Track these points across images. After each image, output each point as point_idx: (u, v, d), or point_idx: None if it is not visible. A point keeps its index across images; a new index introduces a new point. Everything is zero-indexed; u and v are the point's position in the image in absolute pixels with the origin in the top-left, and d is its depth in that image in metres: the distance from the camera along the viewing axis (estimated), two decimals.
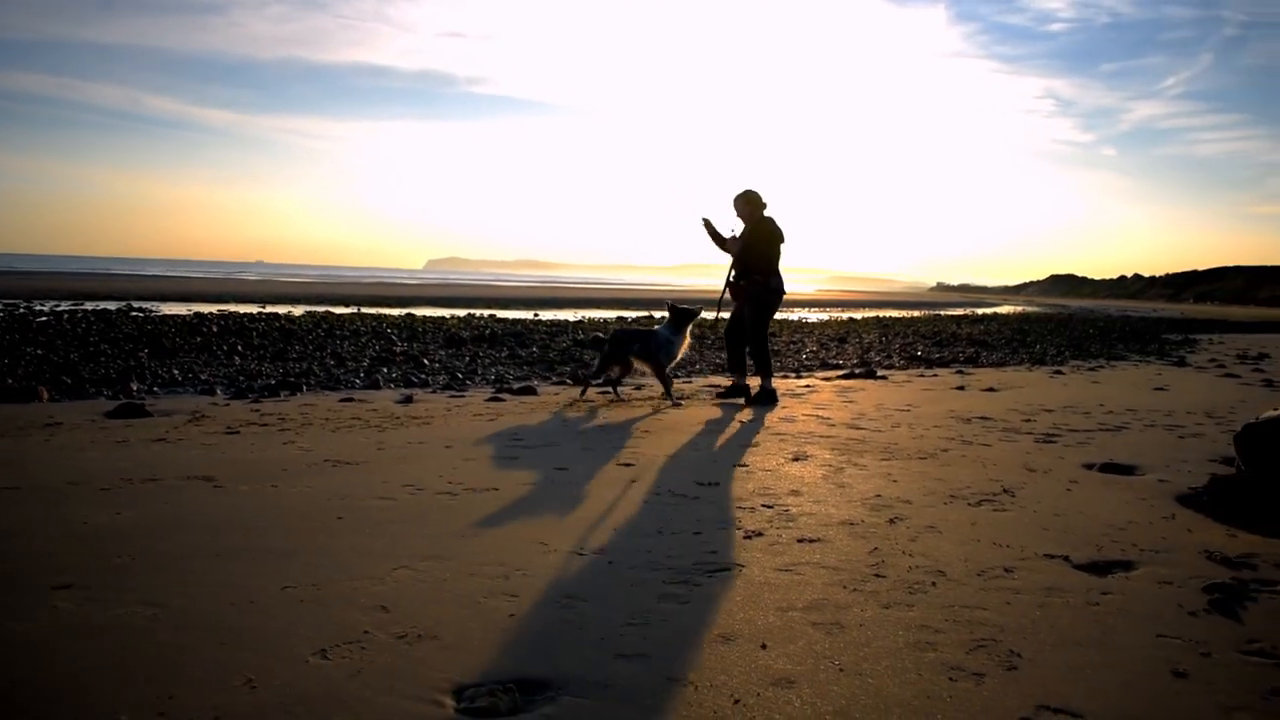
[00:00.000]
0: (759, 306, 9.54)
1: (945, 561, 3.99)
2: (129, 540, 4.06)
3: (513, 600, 3.42)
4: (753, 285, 9.48)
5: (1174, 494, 5.35)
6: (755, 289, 9.49)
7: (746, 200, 9.59)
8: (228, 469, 5.61)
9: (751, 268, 9.48)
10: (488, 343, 17.34)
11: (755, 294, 9.50)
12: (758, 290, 9.49)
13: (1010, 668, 2.88)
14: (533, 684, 2.72)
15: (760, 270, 9.47)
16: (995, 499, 5.18)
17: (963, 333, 26.65)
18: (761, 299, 9.53)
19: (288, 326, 19.59)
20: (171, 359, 12.99)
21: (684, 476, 5.67)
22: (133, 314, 22.80)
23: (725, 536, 4.32)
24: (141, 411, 7.98)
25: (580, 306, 42.43)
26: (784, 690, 2.71)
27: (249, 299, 36.43)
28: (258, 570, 3.69)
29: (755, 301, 9.52)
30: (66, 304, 27.22)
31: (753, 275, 9.47)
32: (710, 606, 3.39)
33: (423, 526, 4.41)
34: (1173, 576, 3.82)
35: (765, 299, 9.55)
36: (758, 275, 9.46)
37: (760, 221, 9.53)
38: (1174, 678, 2.84)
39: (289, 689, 2.65)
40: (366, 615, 3.23)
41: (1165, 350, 20.93)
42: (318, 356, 13.88)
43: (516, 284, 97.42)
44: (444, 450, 6.40)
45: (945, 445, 6.92)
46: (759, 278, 9.46)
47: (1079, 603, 3.50)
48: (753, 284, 9.48)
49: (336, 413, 8.27)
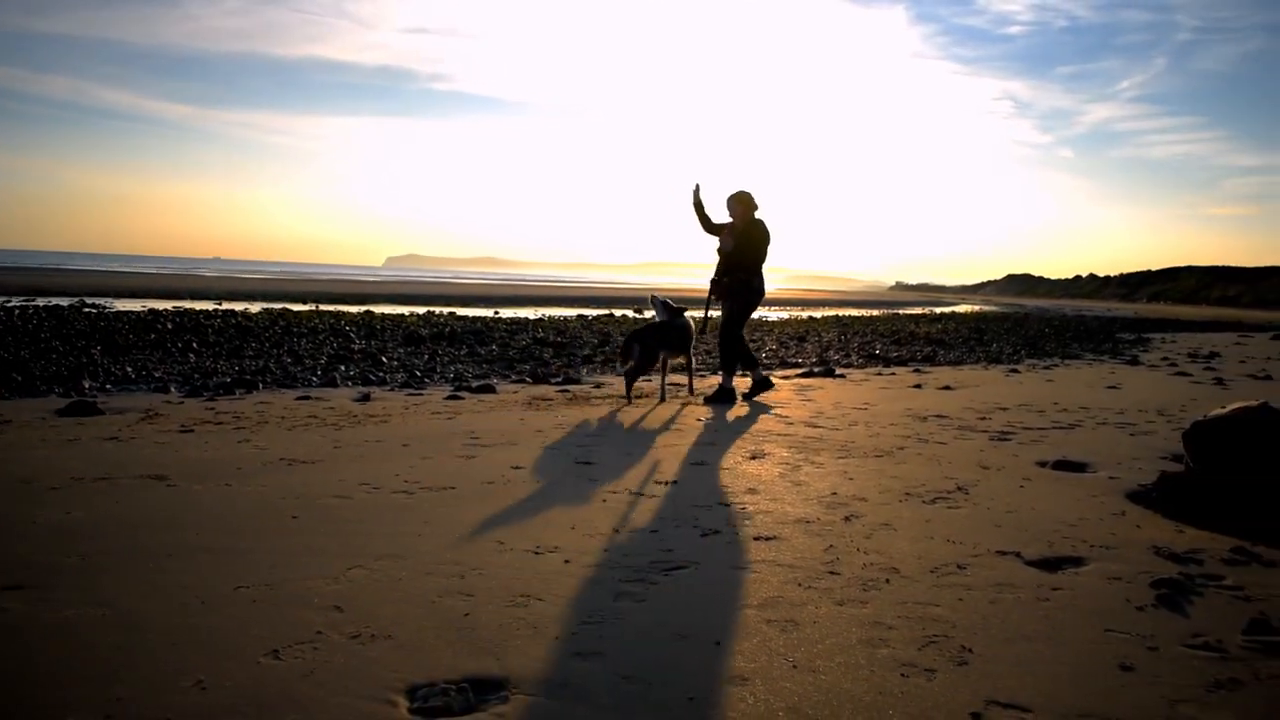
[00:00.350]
0: (738, 304, 9.71)
1: (899, 559, 4.02)
2: (79, 540, 4.01)
3: (468, 599, 3.41)
4: (735, 283, 9.64)
5: (1125, 491, 5.42)
6: (737, 286, 9.64)
7: (740, 200, 9.72)
8: (181, 468, 5.55)
9: (737, 266, 9.63)
10: (447, 341, 17.26)
11: (736, 290, 9.65)
12: (739, 288, 9.64)
13: (961, 663, 2.92)
14: (486, 683, 2.72)
15: (746, 269, 9.62)
16: (949, 496, 5.23)
17: (921, 332, 26.85)
18: (742, 297, 9.69)
19: (244, 323, 19.39)
20: (125, 356, 12.81)
21: (642, 475, 5.68)
22: (86, 310, 22.46)
23: (682, 535, 4.34)
24: (93, 409, 7.88)
25: (540, 304, 42.35)
26: (737, 687, 2.72)
27: (205, 295, 36.02)
28: (210, 570, 3.65)
29: (735, 298, 9.68)
30: (17, 300, 26.78)
31: (737, 273, 9.63)
32: (666, 605, 3.40)
33: (379, 525, 4.38)
34: (1122, 572, 3.87)
35: (746, 298, 9.72)
36: (741, 274, 9.62)
37: (753, 223, 9.68)
38: (1121, 671, 2.88)
39: (240, 690, 2.63)
40: (320, 615, 3.21)
41: (1119, 349, 21.20)
42: (274, 354, 13.75)
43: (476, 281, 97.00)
44: (401, 449, 6.37)
45: (901, 443, 6.98)
46: (743, 275, 9.62)
47: (1029, 598, 3.55)
48: (735, 281, 9.64)
49: (293, 411, 8.21)
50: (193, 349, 13.96)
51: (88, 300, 27.92)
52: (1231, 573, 3.90)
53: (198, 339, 15.39)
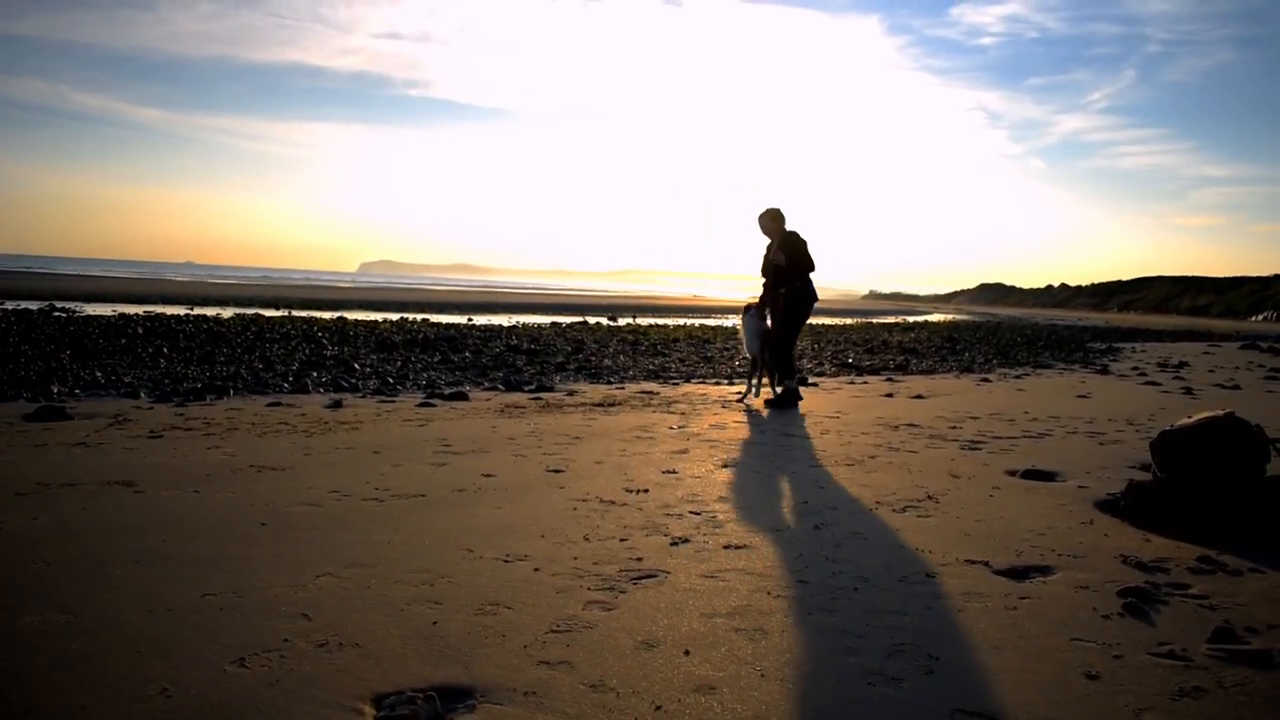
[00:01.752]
0: (795, 313, 10.05)
1: (868, 567, 4.04)
2: (45, 546, 3.97)
3: (436, 608, 3.40)
4: (794, 291, 9.95)
5: (1093, 500, 5.46)
6: (795, 294, 9.96)
7: (773, 217, 10.15)
8: (149, 474, 5.51)
9: (794, 276, 9.93)
10: (420, 347, 17.20)
11: (796, 298, 9.98)
12: (798, 295, 9.97)
13: (928, 671, 2.93)
14: (453, 691, 2.71)
15: (801, 278, 9.95)
16: (920, 505, 5.26)
17: (893, 340, 26.98)
18: (800, 304, 10.03)
19: (216, 329, 19.27)
20: (95, 361, 12.70)
21: (613, 483, 5.68)
22: (55, 314, 22.26)
23: (652, 543, 4.34)
24: (62, 414, 7.80)
25: (514, 312, 42.27)
26: (705, 696, 2.72)
27: (177, 300, 35.77)
28: (177, 577, 3.62)
29: (794, 306, 10.00)
30: None
31: (793, 282, 9.93)
32: (634, 613, 3.40)
33: (348, 533, 4.36)
34: (1089, 581, 3.90)
35: (804, 305, 10.05)
36: (799, 282, 9.94)
37: (788, 234, 10.00)
38: (1087, 680, 2.90)
39: (205, 698, 2.61)
40: (287, 623, 3.19)
41: (1089, 358, 21.38)
42: (246, 360, 13.66)
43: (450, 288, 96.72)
44: (372, 456, 6.34)
45: (873, 452, 7.01)
46: (799, 284, 9.95)
47: (997, 607, 3.57)
48: (794, 290, 9.94)
49: (263, 417, 8.16)
50: (163, 354, 13.86)
51: (58, 304, 27.67)
52: (1197, 581, 3.94)
53: (169, 344, 15.28)
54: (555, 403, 9.88)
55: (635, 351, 18.52)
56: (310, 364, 13.43)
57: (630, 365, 15.31)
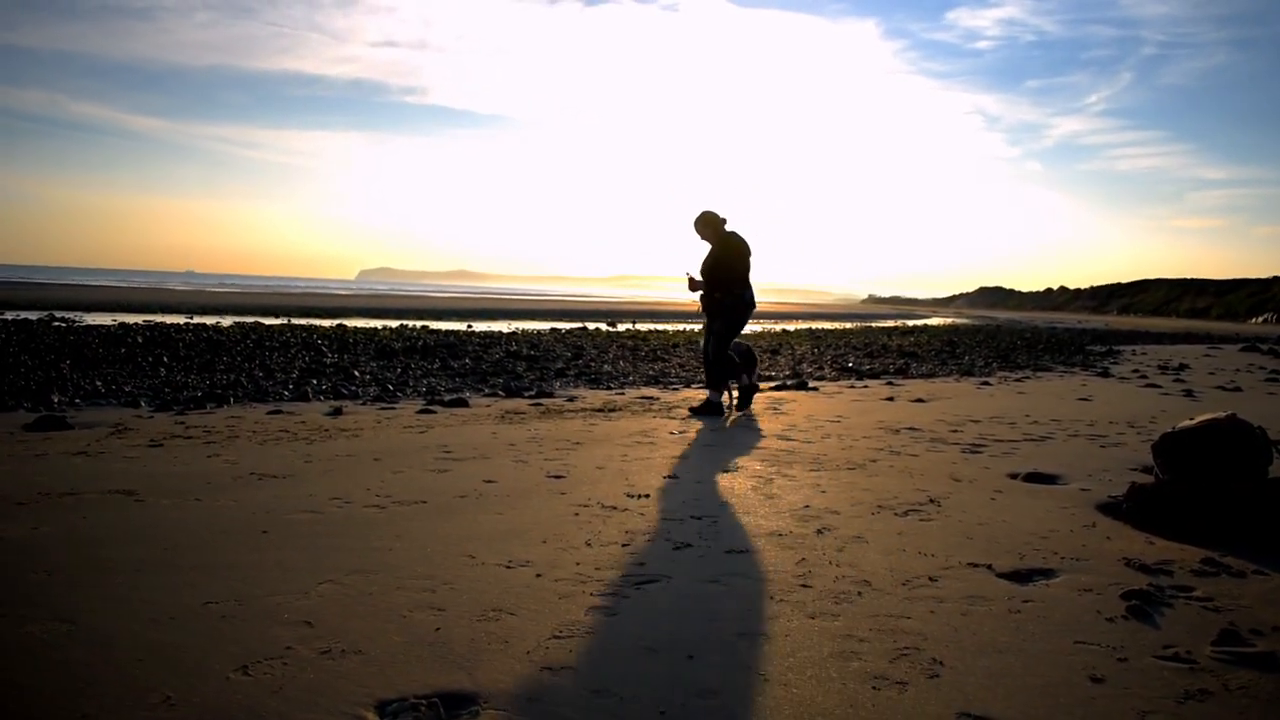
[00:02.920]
0: (730, 320, 9.74)
1: (871, 571, 4.03)
2: (45, 555, 3.96)
3: (439, 614, 3.39)
4: (728, 297, 9.66)
5: (1095, 502, 5.46)
6: (729, 301, 9.67)
7: (706, 222, 9.76)
8: (150, 483, 5.50)
9: (722, 282, 9.65)
10: (420, 354, 17.20)
11: (729, 306, 9.69)
12: (731, 303, 9.68)
13: (933, 675, 2.92)
14: (456, 698, 2.70)
15: (734, 283, 9.66)
16: (922, 509, 5.25)
17: (893, 344, 26.98)
18: (734, 312, 9.74)
19: (216, 337, 19.26)
20: (95, 370, 12.69)
21: (614, 488, 5.67)
22: (55, 324, 22.26)
23: (654, 548, 4.33)
24: (62, 424, 7.80)
25: (514, 318, 42.28)
26: (708, 701, 2.71)
27: (177, 309, 35.78)
28: (178, 585, 3.62)
29: (727, 315, 9.72)
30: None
31: (728, 288, 9.66)
32: (637, 618, 3.39)
33: (349, 540, 4.35)
34: (1092, 584, 3.90)
35: (737, 313, 9.76)
36: (733, 288, 9.66)
37: (726, 237, 9.70)
38: (1091, 683, 2.89)
39: (208, 707, 2.60)
40: (289, 630, 3.18)
41: (1089, 361, 21.37)
42: (246, 368, 13.66)
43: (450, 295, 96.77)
44: (373, 463, 6.33)
45: (874, 456, 7.01)
46: (734, 290, 9.66)
47: (1001, 610, 3.56)
48: (728, 296, 9.66)
49: (264, 425, 8.15)
50: (163, 363, 13.86)
51: (57, 314, 27.66)
52: (1201, 584, 3.93)
53: (169, 353, 15.28)
54: (556, 408, 9.88)
55: (635, 357, 18.52)
56: (310, 371, 13.43)
57: (630, 371, 15.31)
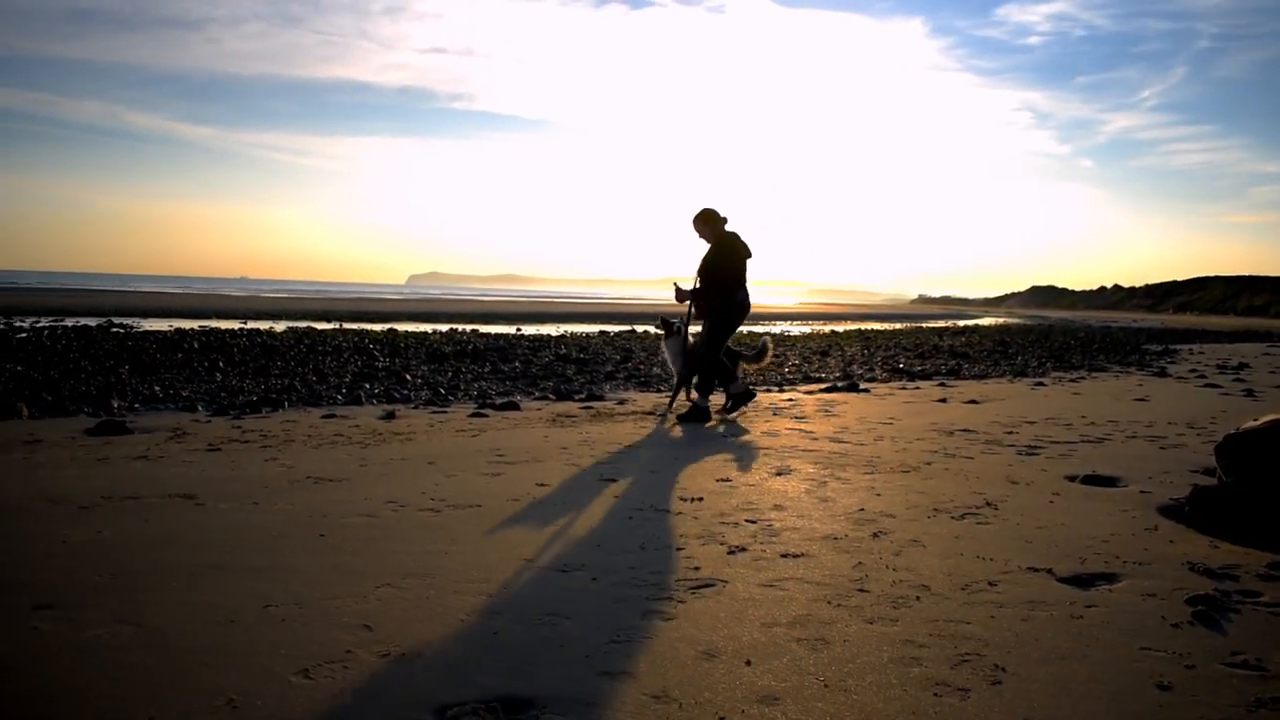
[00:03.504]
0: (720, 321, 9.38)
1: (929, 575, 3.99)
2: (109, 559, 4.03)
3: (496, 617, 3.40)
4: (719, 300, 9.33)
5: (1156, 505, 5.36)
6: (719, 302, 9.34)
7: (705, 219, 9.43)
8: (209, 486, 5.58)
9: (717, 284, 9.34)
10: (470, 358, 17.30)
11: (718, 307, 9.35)
12: (720, 304, 9.34)
13: (995, 682, 2.88)
14: (516, 702, 2.71)
15: (726, 285, 9.32)
16: (978, 512, 5.19)
17: (944, 345, 26.74)
18: (724, 314, 9.38)
19: (269, 342, 19.51)
20: (152, 375, 12.90)
21: (667, 491, 5.66)
22: (113, 330, 22.66)
23: (708, 552, 4.31)
24: (122, 429, 7.93)
25: (562, 321, 42.41)
26: (768, 707, 2.70)
27: (230, 314, 36.28)
28: (239, 589, 3.66)
29: (717, 315, 9.36)
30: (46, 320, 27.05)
31: (719, 290, 9.33)
32: (694, 623, 3.38)
33: (405, 544, 4.38)
34: (1156, 588, 3.82)
35: (728, 314, 9.39)
36: (724, 289, 9.32)
37: (723, 236, 9.39)
38: (1159, 691, 2.84)
39: (272, 709, 2.63)
40: (349, 634, 3.20)
41: (1146, 361, 21.04)
42: (299, 372, 13.82)
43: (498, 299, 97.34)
44: (426, 466, 6.37)
45: (928, 458, 6.94)
46: (729, 291, 9.32)
47: (1063, 616, 3.50)
48: (719, 299, 9.33)
49: (318, 429, 8.24)
50: (219, 368, 14.05)
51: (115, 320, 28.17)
52: (1269, 589, 3.84)
53: (224, 358, 15.49)
54: (606, 411, 9.89)
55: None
56: (363, 376, 13.55)
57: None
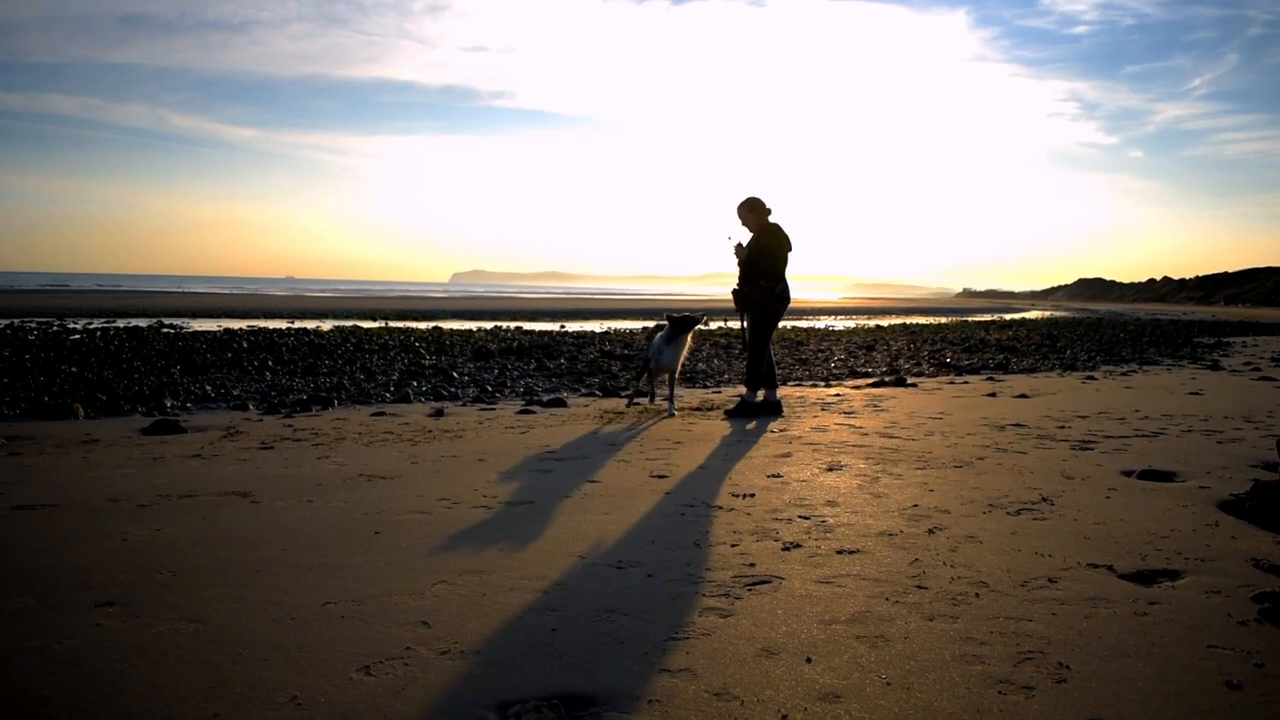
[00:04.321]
0: (762, 314, 9.38)
1: (987, 572, 3.94)
2: (169, 556, 4.08)
3: (553, 614, 3.40)
4: (756, 291, 9.31)
5: (1216, 501, 5.27)
6: (759, 295, 9.31)
7: (750, 208, 9.40)
8: (263, 484, 5.63)
9: (758, 274, 9.30)
10: (515, 355, 17.37)
11: (758, 300, 9.33)
12: (761, 296, 9.31)
13: (1060, 680, 2.84)
14: (577, 699, 2.71)
15: (766, 277, 9.28)
16: (1034, 508, 5.12)
17: (991, 339, 26.49)
18: (765, 306, 9.36)
19: (317, 341, 19.70)
20: (204, 375, 13.07)
21: (718, 488, 5.64)
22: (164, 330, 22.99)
23: (763, 548, 4.29)
24: (176, 428, 8.04)
25: (606, 317, 42.48)
26: (831, 705, 2.68)
27: (277, 314, 36.69)
28: (297, 586, 3.69)
29: (758, 308, 9.36)
30: (98, 321, 27.50)
31: (757, 282, 9.29)
32: (752, 620, 3.36)
33: (459, 540, 4.40)
34: (1220, 585, 3.76)
35: (770, 306, 9.38)
36: (763, 281, 9.28)
37: (766, 228, 9.35)
38: (1228, 689, 2.79)
39: (334, 706, 2.64)
40: (408, 630, 3.22)
41: (1197, 354, 20.72)
42: (347, 371, 13.95)
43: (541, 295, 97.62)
44: (477, 463, 6.40)
45: (980, 453, 6.86)
46: (764, 284, 9.28)
47: (1126, 613, 3.45)
48: (756, 290, 9.30)
49: (369, 427, 8.30)
50: (268, 367, 14.21)
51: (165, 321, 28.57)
52: None
53: (273, 357, 15.67)
54: (654, 408, 9.87)
55: (729, 355, 18.44)
56: (410, 373, 13.65)
57: (725, 369, 15.26)
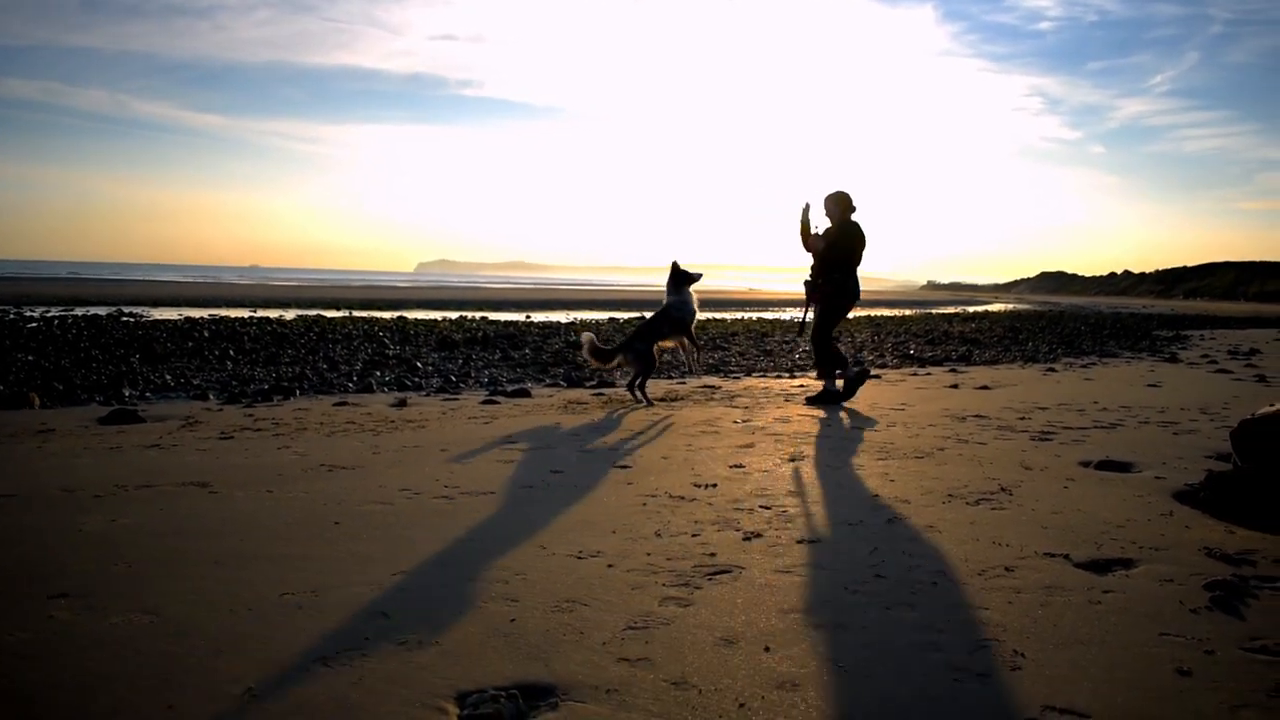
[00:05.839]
0: (832, 306, 9.67)
1: (945, 561, 3.98)
2: (125, 547, 4.03)
3: (513, 605, 3.40)
4: (831, 284, 9.58)
5: (1171, 491, 5.34)
6: (834, 287, 9.58)
7: (838, 201, 9.63)
8: (223, 474, 5.59)
9: (834, 267, 9.56)
10: (480, 345, 17.31)
11: (833, 292, 9.60)
12: (836, 289, 9.59)
13: (1014, 668, 2.87)
14: (535, 689, 2.71)
15: (842, 270, 9.55)
16: (993, 498, 5.18)
17: (955, 331, 26.69)
18: (836, 299, 9.64)
19: (280, 330, 19.54)
20: (163, 364, 12.93)
21: (681, 478, 5.65)
22: (124, 319, 22.72)
23: (724, 538, 4.31)
24: (134, 417, 7.95)
25: (572, 308, 42.42)
26: (788, 693, 2.69)
27: (240, 303, 36.34)
28: (255, 577, 3.66)
29: (829, 300, 9.63)
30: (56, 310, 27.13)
31: (832, 275, 9.56)
32: (711, 609, 3.38)
33: (420, 531, 4.38)
34: (1173, 574, 3.81)
35: (840, 299, 9.66)
36: (838, 274, 9.55)
37: (848, 224, 9.61)
38: (1179, 676, 2.83)
39: (291, 698, 2.63)
40: (366, 621, 3.21)
41: (1157, 346, 20.97)
42: (310, 360, 13.84)
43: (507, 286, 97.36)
44: (439, 454, 6.38)
45: (941, 444, 6.92)
46: (839, 276, 9.55)
47: (1081, 601, 3.49)
48: (831, 282, 9.57)
49: (330, 417, 8.25)
50: (230, 356, 14.08)
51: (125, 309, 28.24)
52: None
53: (234, 346, 15.52)
54: (617, 398, 9.88)
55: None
56: (374, 363, 13.57)
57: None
